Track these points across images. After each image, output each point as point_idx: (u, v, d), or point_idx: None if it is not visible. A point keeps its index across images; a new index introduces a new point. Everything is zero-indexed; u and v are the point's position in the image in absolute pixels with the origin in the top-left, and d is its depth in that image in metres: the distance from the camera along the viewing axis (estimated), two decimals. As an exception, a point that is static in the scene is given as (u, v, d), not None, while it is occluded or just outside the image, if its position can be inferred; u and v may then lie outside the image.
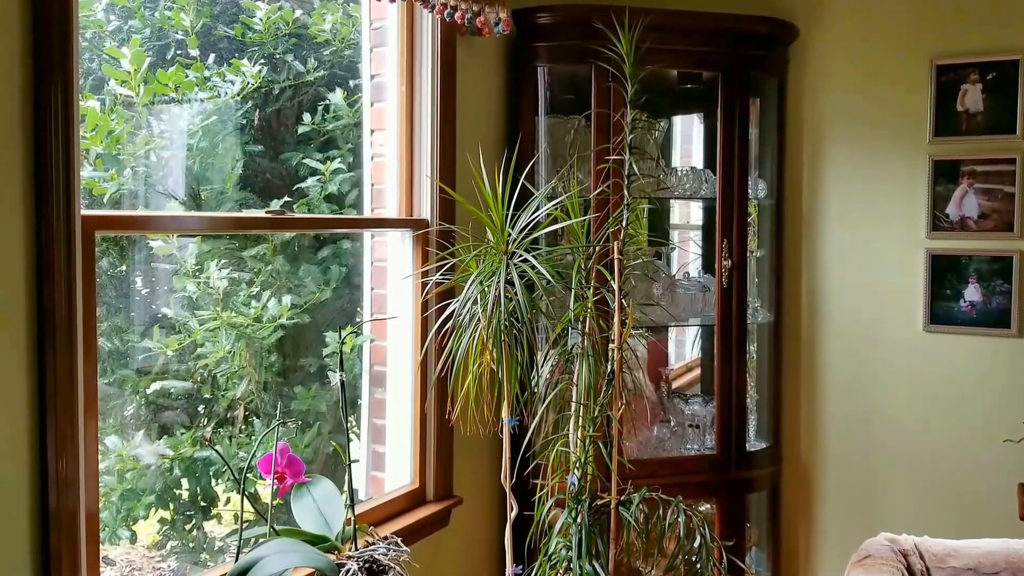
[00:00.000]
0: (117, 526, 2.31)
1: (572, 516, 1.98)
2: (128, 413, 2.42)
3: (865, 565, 1.88)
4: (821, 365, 2.89)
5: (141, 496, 2.34)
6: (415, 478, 2.38)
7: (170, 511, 2.46)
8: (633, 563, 2.74)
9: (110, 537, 2.31)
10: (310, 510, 1.77)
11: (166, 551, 2.56)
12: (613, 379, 2.00)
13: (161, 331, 2.30)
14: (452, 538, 2.48)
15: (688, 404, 2.94)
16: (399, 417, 2.42)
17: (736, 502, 2.74)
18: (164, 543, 2.54)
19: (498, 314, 1.88)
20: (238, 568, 1.36)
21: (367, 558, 1.68)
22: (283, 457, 1.63)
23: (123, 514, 2.32)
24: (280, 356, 2.60)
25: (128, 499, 2.33)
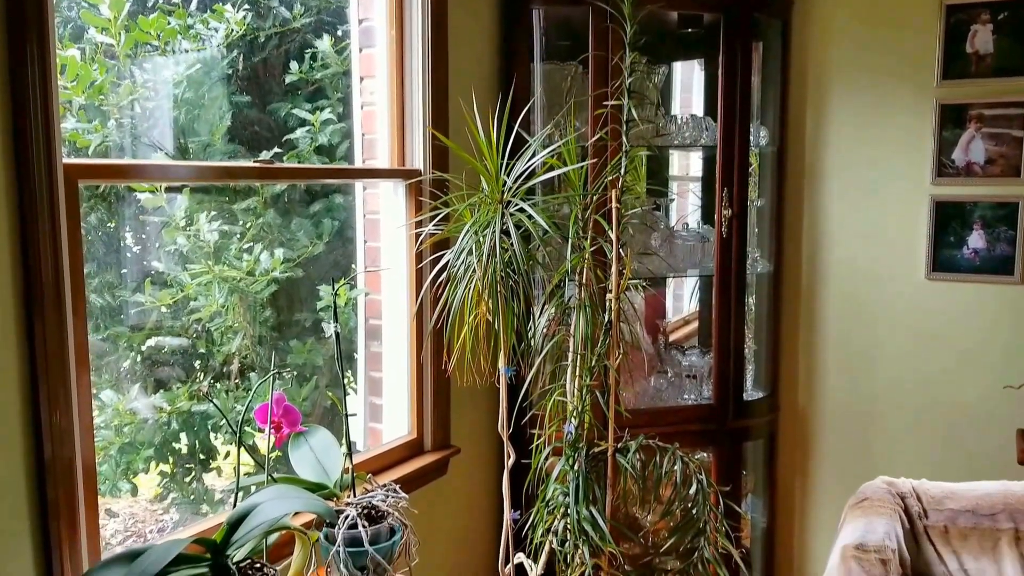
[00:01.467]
0: (117, 479, 2.32)
1: (569, 463, 1.98)
2: (124, 368, 2.42)
3: (863, 507, 1.89)
4: (821, 314, 2.88)
5: (140, 449, 2.35)
6: (413, 429, 2.38)
7: (170, 464, 2.47)
8: (630, 510, 2.76)
9: (111, 490, 2.32)
10: (308, 459, 1.77)
11: (167, 503, 2.58)
12: (610, 329, 1.99)
13: (153, 286, 2.28)
14: (450, 487, 2.49)
15: (685, 355, 2.94)
16: (395, 369, 2.41)
17: (732, 450, 2.76)
18: (165, 495, 2.55)
19: (494, 265, 1.85)
20: (236, 514, 1.36)
21: (365, 504, 1.68)
22: (279, 407, 1.62)
23: (122, 467, 2.33)
24: (274, 311, 2.59)
25: (127, 452, 2.33)
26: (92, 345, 2.33)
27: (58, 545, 1.46)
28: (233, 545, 1.35)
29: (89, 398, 1.55)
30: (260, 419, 1.61)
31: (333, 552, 1.59)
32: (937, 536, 1.86)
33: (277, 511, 1.33)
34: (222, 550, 1.35)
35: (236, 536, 1.35)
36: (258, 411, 1.62)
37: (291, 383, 2.49)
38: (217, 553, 1.35)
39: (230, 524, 1.36)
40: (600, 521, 1.91)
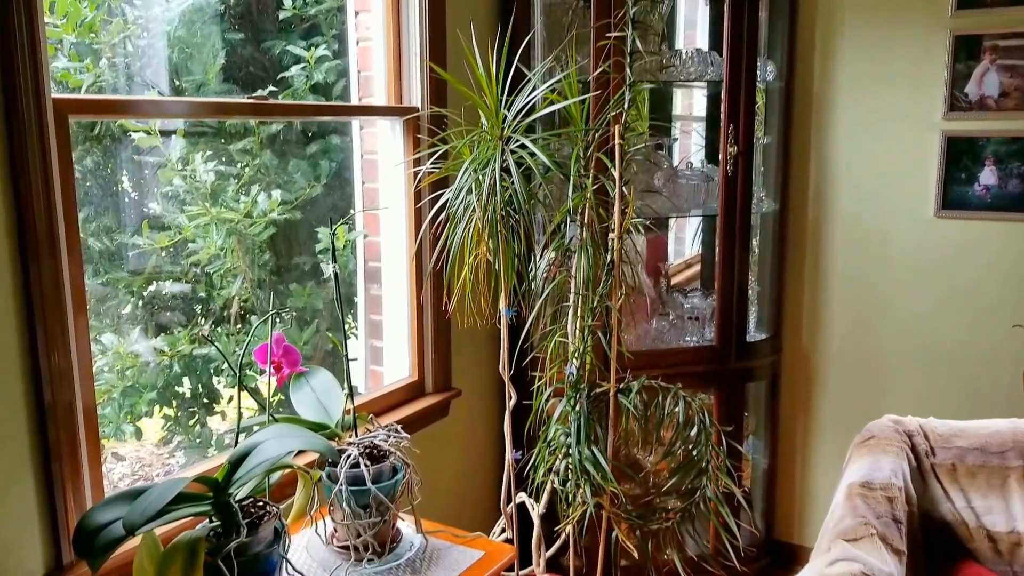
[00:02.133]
0: (121, 422, 2.33)
1: (571, 404, 1.98)
2: (124, 313, 2.41)
3: (869, 446, 1.88)
4: (826, 254, 2.85)
5: (142, 393, 2.35)
6: (413, 371, 2.38)
7: (173, 408, 2.48)
8: (631, 452, 2.78)
9: (115, 432, 2.33)
10: (309, 400, 1.76)
11: (172, 447, 2.59)
12: (612, 270, 1.96)
13: (151, 230, 2.26)
14: (452, 428, 2.50)
15: (687, 298, 2.92)
16: (396, 312, 2.40)
17: (735, 392, 2.76)
18: (170, 439, 2.57)
19: (493, 203, 1.82)
20: (237, 453, 1.36)
21: (367, 444, 1.68)
22: (279, 347, 1.61)
23: (125, 410, 2.34)
24: (273, 254, 2.57)
25: (129, 395, 2.33)
26: (92, 290, 2.32)
27: (61, 487, 1.46)
28: (235, 484, 1.35)
29: (87, 340, 1.54)
30: (260, 359, 1.60)
31: (336, 491, 1.59)
32: (944, 474, 1.86)
33: (278, 449, 1.32)
34: (224, 489, 1.35)
35: (238, 475, 1.35)
36: (258, 351, 1.61)
37: (291, 326, 2.48)
38: (219, 492, 1.35)
39: (231, 463, 1.36)
40: (602, 461, 1.91)
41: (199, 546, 1.28)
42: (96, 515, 1.23)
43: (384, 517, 1.61)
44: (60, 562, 1.46)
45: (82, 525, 1.21)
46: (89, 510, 1.25)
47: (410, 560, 1.64)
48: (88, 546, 1.19)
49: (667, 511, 2.07)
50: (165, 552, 1.29)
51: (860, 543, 1.59)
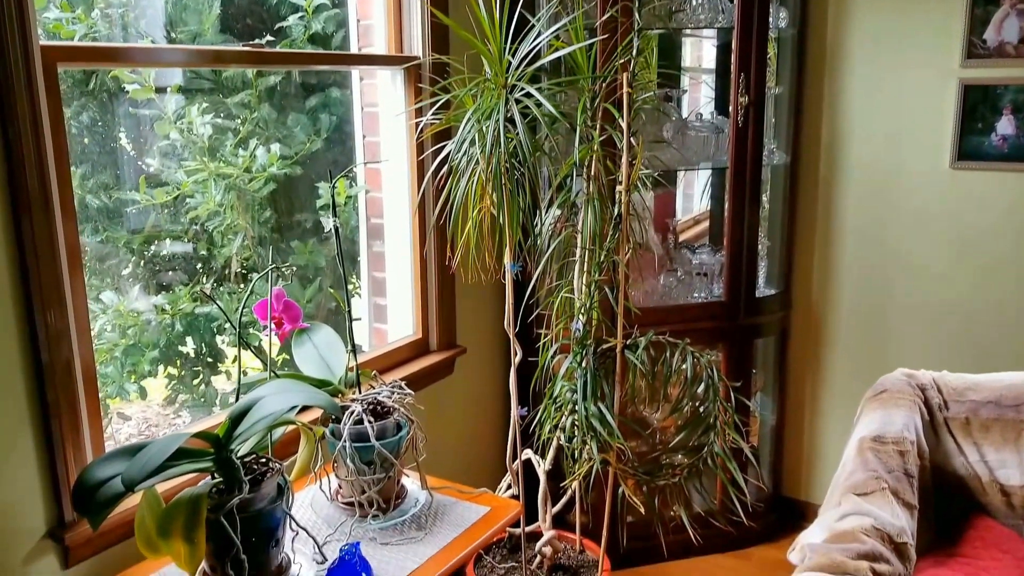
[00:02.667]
0: (123, 381, 2.31)
1: (577, 360, 1.95)
2: (125, 271, 2.38)
3: (881, 399, 1.85)
4: (838, 207, 2.80)
5: (144, 351, 2.33)
6: (418, 329, 2.35)
7: (177, 367, 2.46)
8: (638, 410, 2.76)
9: (118, 392, 2.31)
10: (311, 356, 1.74)
11: (177, 406, 2.58)
12: (620, 223, 1.92)
13: (149, 187, 2.22)
14: (457, 386, 2.47)
15: (695, 254, 2.88)
16: (399, 268, 2.36)
17: (743, 348, 2.73)
18: (174, 398, 2.55)
19: (498, 155, 1.78)
20: (238, 409, 1.33)
21: (371, 400, 1.66)
22: (279, 302, 1.58)
23: (128, 369, 2.32)
24: (274, 211, 2.53)
25: (132, 354, 2.31)
26: (92, 248, 2.29)
27: (60, 444, 1.44)
28: (236, 440, 1.33)
29: (84, 297, 1.51)
30: (260, 315, 1.57)
31: (339, 447, 1.57)
32: (958, 428, 1.83)
33: (279, 405, 1.30)
34: (225, 445, 1.32)
35: (239, 431, 1.32)
36: (258, 307, 1.58)
37: (291, 282, 2.44)
38: (220, 448, 1.33)
39: (232, 419, 1.33)
40: (608, 417, 1.89)
41: (201, 502, 1.26)
42: (95, 471, 1.21)
43: (388, 473, 1.59)
44: (62, 520, 1.45)
45: (81, 481, 1.19)
46: (88, 466, 1.22)
47: (415, 516, 1.63)
48: (87, 503, 1.17)
49: (674, 467, 2.05)
50: (167, 509, 1.28)
51: (871, 497, 1.57)
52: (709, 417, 1.96)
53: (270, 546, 1.36)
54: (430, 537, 1.56)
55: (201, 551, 1.25)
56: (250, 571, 1.32)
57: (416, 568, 1.46)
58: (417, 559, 1.49)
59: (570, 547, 2.20)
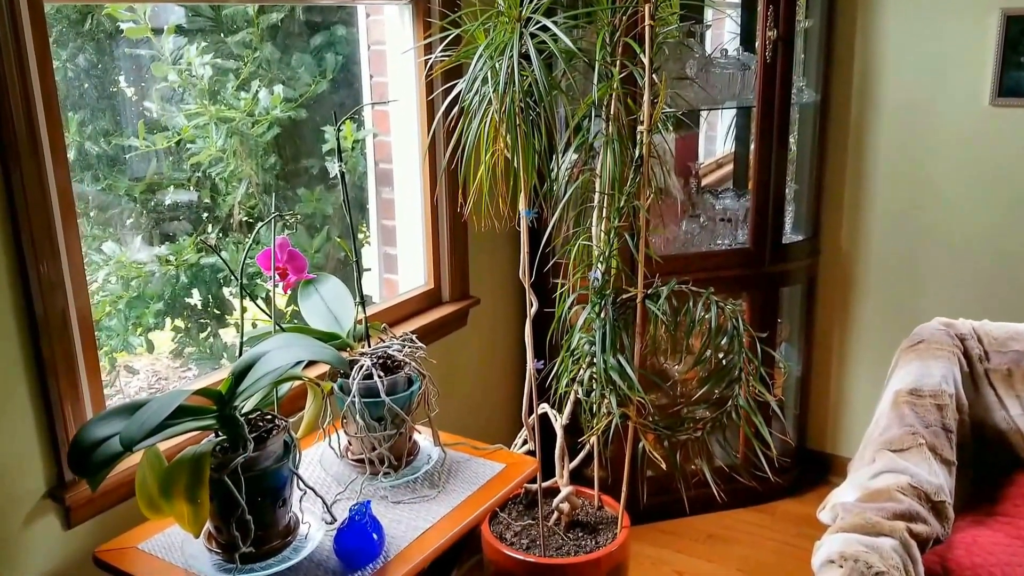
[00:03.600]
0: (127, 334, 2.26)
1: (595, 311, 1.87)
2: (127, 221, 2.31)
3: (918, 350, 1.76)
4: (870, 148, 2.67)
5: (149, 303, 2.27)
6: (429, 279, 2.27)
7: (183, 319, 2.41)
8: (658, 361, 2.68)
9: (122, 345, 2.26)
10: (318, 309, 1.66)
11: (185, 359, 2.53)
12: (641, 166, 1.82)
13: (148, 131, 2.13)
14: (471, 338, 2.40)
15: (719, 199, 2.77)
16: (409, 216, 2.27)
17: (769, 296, 2.63)
18: (181, 351, 2.51)
19: (512, 94, 1.67)
20: (241, 365, 1.26)
21: (381, 354, 1.58)
22: (283, 252, 1.50)
23: (132, 321, 2.26)
24: (279, 156, 2.44)
25: (135, 307, 2.26)
26: (93, 197, 2.21)
27: (58, 401, 1.38)
28: (240, 396, 1.26)
29: (79, 247, 1.43)
30: (264, 265, 1.49)
31: (348, 403, 1.51)
32: (999, 380, 1.74)
33: (283, 360, 1.23)
34: (228, 402, 1.26)
35: (242, 387, 1.26)
36: (261, 257, 1.50)
37: (296, 231, 2.36)
38: (223, 405, 1.26)
39: (235, 375, 1.27)
40: (628, 369, 1.81)
41: (204, 461, 1.20)
42: (92, 430, 1.15)
43: (400, 430, 1.52)
44: (62, 479, 1.40)
45: (77, 441, 1.13)
46: (84, 425, 1.16)
47: (428, 473, 1.57)
48: (84, 463, 1.11)
49: (696, 421, 1.98)
50: (168, 468, 1.22)
51: (907, 454, 1.49)
52: (733, 369, 1.88)
53: (277, 506, 1.30)
54: (443, 495, 1.50)
55: (205, 511, 1.20)
56: (256, 531, 1.27)
57: (429, 528, 1.40)
58: (430, 518, 1.43)
59: (588, 503, 2.15)
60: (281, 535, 1.32)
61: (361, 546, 1.28)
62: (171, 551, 1.34)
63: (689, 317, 1.86)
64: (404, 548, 1.34)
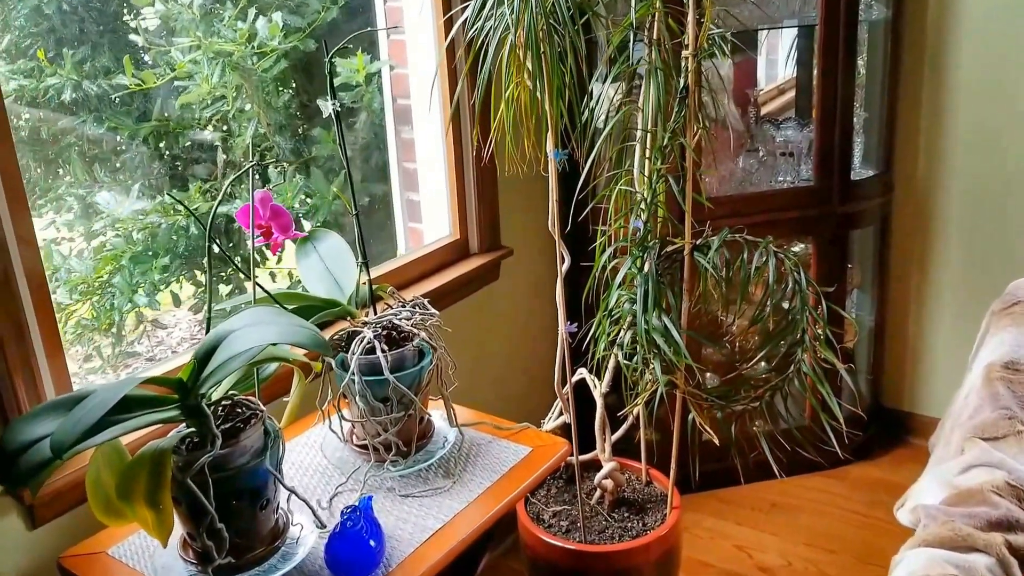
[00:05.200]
0: (131, 292, 2.10)
1: (637, 265, 1.63)
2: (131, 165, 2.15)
3: (1013, 315, 1.49)
4: (951, 68, 2.33)
5: (155, 258, 2.11)
6: (455, 229, 2.05)
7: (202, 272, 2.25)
8: (713, 312, 2.43)
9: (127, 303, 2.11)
10: (316, 270, 1.46)
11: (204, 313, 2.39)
12: (687, 97, 1.55)
13: (137, 67, 1.93)
14: (503, 293, 2.18)
15: (779, 130, 2.47)
16: (432, 158, 2.04)
17: (837, 240, 2.35)
18: (201, 306, 2.36)
19: (530, 14, 1.41)
20: (204, 347, 1.08)
21: (385, 324, 1.38)
22: (265, 207, 1.29)
23: (136, 278, 2.11)
24: (293, 93, 2.22)
25: (140, 262, 2.10)
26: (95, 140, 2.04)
27: (7, 380, 1.20)
28: (206, 383, 1.08)
29: (23, 196, 1.23)
30: (243, 222, 1.29)
31: (347, 381, 1.31)
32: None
33: (249, 342, 1.03)
34: (191, 389, 1.07)
35: (207, 372, 1.07)
36: (240, 213, 1.29)
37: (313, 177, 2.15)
38: (186, 393, 1.08)
39: (198, 358, 1.08)
40: (674, 332, 1.58)
41: (164, 460, 1.02)
42: (22, 429, 0.98)
43: (408, 411, 1.33)
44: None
45: (2, 444, 0.96)
46: (12, 423, 0.99)
47: (443, 459, 1.38)
48: (9, 471, 0.94)
49: (754, 389, 1.75)
50: (127, 466, 1.05)
51: (1003, 443, 1.24)
52: (796, 330, 1.63)
53: (258, 507, 1.13)
54: (459, 487, 1.31)
55: (169, 518, 1.02)
56: (235, 538, 1.09)
57: (439, 528, 1.21)
58: (441, 516, 1.24)
59: (634, 477, 1.94)
60: (266, 540, 1.15)
61: (355, 557, 1.10)
62: (144, 557, 1.18)
63: (744, 271, 1.61)
64: (408, 556, 1.16)
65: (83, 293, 2.07)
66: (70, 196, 2.10)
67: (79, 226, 2.09)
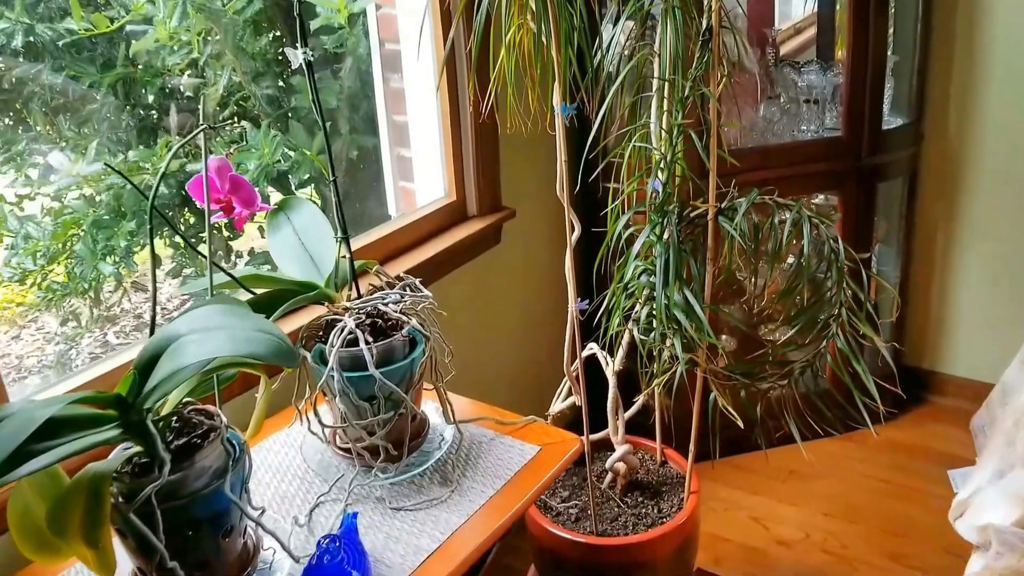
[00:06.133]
0: (97, 260, 1.92)
1: (656, 233, 1.44)
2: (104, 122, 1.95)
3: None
4: (988, 6, 2.11)
5: (120, 223, 1.92)
6: (451, 189, 1.85)
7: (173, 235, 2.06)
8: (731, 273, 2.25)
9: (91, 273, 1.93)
10: (290, 246, 1.28)
11: (182, 279, 2.21)
12: (710, 40, 1.35)
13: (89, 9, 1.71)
14: (505, 258, 1.99)
15: (801, 74, 2.25)
16: (424, 110, 1.83)
17: (865, 194, 2.16)
18: (179, 270, 2.18)
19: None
20: (145, 355, 0.90)
21: (370, 310, 1.20)
22: (222, 177, 1.10)
23: (101, 244, 1.92)
24: (270, 39, 2.00)
25: (103, 227, 1.91)
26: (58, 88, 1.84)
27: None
28: (150, 397, 0.90)
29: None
30: (196, 195, 1.10)
31: (324, 378, 1.14)
32: None
33: (196, 354, 0.85)
34: (131, 406, 0.90)
35: (150, 386, 0.89)
36: (193, 185, 1.10)
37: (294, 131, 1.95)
38: (126, 410, 0.90)
39: (139, 370, 0.90)
40: (696, 307, 1.40)
41: (102, 487, 0.86)
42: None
43: (398, 411, 1.16)
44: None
45: None
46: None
47: (439, 463, 1.21)
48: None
49: (780, 366, 1.58)
50: (57, 498, 0.88)
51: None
52: (833, 305, 1.46)
53: (220, 536, 0.96)
54: (458, 496, 1.14)
55: (110, 558, 0.86)
56: (194, 572, 0.93)
57: (435, 549, 1.05)
58: (438, 533, 1.08)
59: (648, 456, 1.79)
60: (233, 569, 0.98)
61: (334, 594, 0.94)
62: (92, 588, 1.02)
63: (775, 239, 1.43)
64: (397, 585, 1.00)
65: (49, 259, 1.90)
66: (32, 153, 1.92)
67: (40, 186, 1.90)
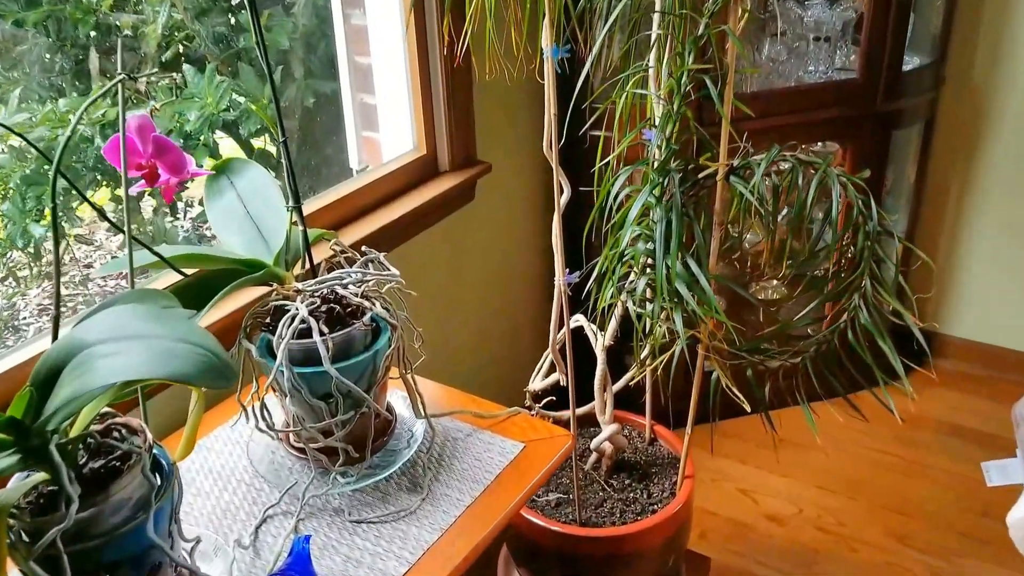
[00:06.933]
0: (26, 219, 1.72)
1: (655, 194, 1.27)
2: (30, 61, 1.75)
3: None
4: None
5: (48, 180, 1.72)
6: (420, 142, 1.65)
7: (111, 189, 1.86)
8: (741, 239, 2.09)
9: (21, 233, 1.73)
10: (234, 216, 1.08)
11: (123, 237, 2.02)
12: (720, -30, 1.16)
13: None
14: (479, 217, 1.80)
15: (805, 8, 2.06)
16: (389, 51, 1.62)
17: (876, 144, 1.99)
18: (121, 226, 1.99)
19: None
20: (44, 369, 0.72)
21: (325, 294, 1.02)
22: (143, 140, 0.90)
23: (32, 204, 1.72)
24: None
25: (33, 184, 1.71)
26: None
27: None
28: (53, 419, 0.72)
29: None
30: (113, 159, 0.90)
31: (274, 375, 0.96)
32: None
33: (106, 375, 0.67)
34: (30, 431, 0.72)
35: (51, 408, 0.71)
36: (109, 148, 0.90)
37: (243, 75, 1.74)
38: (25, 435, 0.72)
39: (37, 387, 0.72)
40: (701, 279, 1.24)
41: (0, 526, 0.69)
42: None
43: (359, 410, 0.99)
44: None
45: None
46: None
47: (409, 464, 1.05)
48: None
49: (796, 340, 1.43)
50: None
51: None
52: (860, 277, 1.30)
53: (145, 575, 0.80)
54: (429, 506, 0.98)
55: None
56: (114, 621, 0.77)
57: (405, 573, 0.89)
58: (406, 553, 0.92)
59: (636, 433, 1.64)
60: (162, 612, 0.83)
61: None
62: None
63: (799, 203, 1.25)
64: (360, 627, 0.84)
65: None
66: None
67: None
